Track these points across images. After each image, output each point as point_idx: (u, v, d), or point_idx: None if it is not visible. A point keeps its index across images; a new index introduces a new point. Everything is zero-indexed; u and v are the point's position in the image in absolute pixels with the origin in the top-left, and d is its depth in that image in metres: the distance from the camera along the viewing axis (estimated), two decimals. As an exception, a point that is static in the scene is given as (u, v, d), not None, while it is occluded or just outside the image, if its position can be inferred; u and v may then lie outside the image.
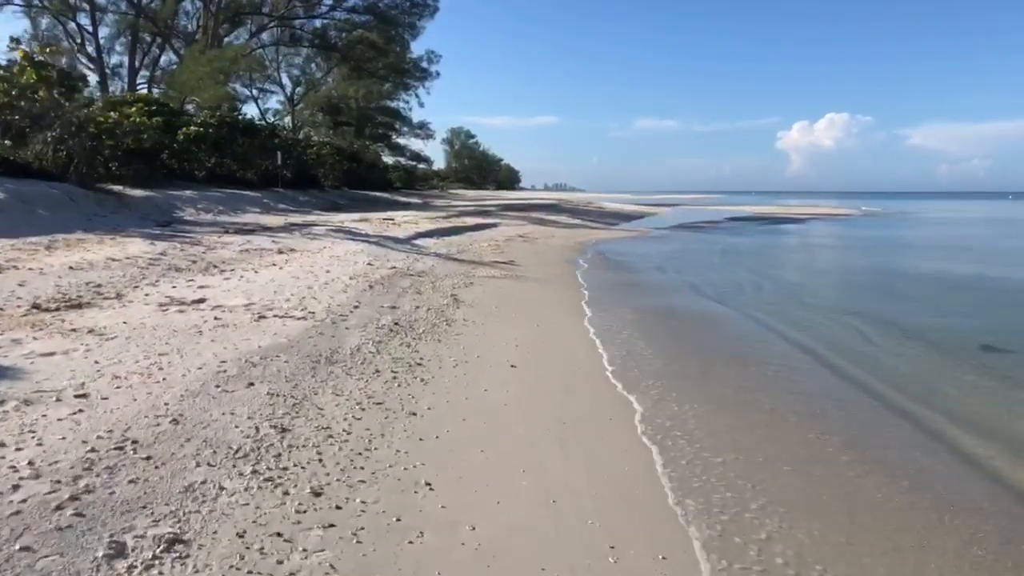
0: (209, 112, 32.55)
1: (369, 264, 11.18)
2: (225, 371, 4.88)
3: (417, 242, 16.34)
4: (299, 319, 6.70)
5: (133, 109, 28.60)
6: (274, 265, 10.08)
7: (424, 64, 45.66)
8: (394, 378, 5.27)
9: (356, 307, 7.68)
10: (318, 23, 44.25)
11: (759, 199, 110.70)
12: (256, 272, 9.32)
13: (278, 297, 7.66)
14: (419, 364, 5.75)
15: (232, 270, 9.30)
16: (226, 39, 41.69)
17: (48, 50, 15.91)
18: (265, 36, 47.73)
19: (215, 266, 9.50)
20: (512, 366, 6.02)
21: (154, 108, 29.62)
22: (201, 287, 7.87)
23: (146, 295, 7.17)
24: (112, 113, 17.74)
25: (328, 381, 4.99)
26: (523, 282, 11.66)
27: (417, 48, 51.39)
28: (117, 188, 17.73)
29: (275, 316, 6.70)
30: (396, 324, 7.14)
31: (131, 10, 41.50)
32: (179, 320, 6.26)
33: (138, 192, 18.05)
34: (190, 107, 38.22)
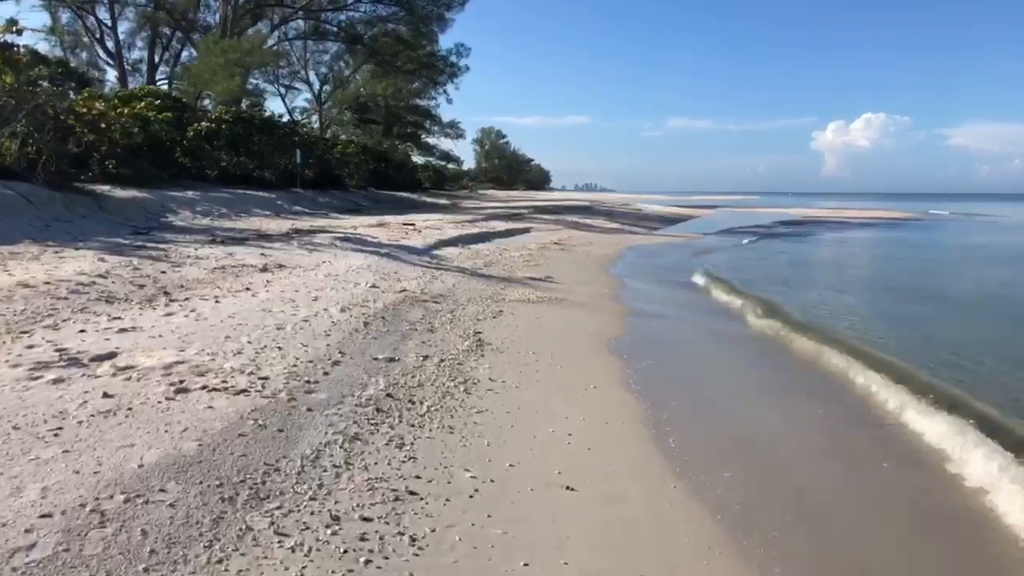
0: (224, 107, 30.69)
1: (373, 287, 8.88)
2: (33, 544, 2.57)
3: (438, 252, 14.05)
4: (239, 393, 4.39)
5: (142, 104, 26.97)
6: (246, 290, 7.82)
7: (453, 58, 43.42)
8: (362, 539, 2.92)
9: (336, 363, 5.36)
10: (343, 16, 42.29)
11: (798, 200, 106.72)
12: (218, 302, 7.06)
13: (226, 348, 5.37)
14: (411, 492, 3.40)
15: (186, 299, 7.05)
16: (249, 32, 39.93)
17: (15, 29, 13.92)
18: (291, 31, 46.02)
19: (166, 292, 7.27)
20: (567, 488, 3.65)
21: (164, 102, 27.93)
22: (123, 330, 5.61)
23: (27, 347, 4.93)
24: (97, 104, 15.70)
25: (230, 562, 2.66)
26: (565, 308, 9.28)
27: (446, 42, 49.19)
28: (104, 188, 15.73)
29: (203, 388, 4.40)
30: (389, 395, 4.80)
31: (150, 3, 39.93)
32: (42, 400, 3.99)
33: (127, 193, 16.02)
34: (207, 103, 36.52)
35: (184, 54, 44.26)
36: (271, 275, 9.03)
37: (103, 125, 15.48)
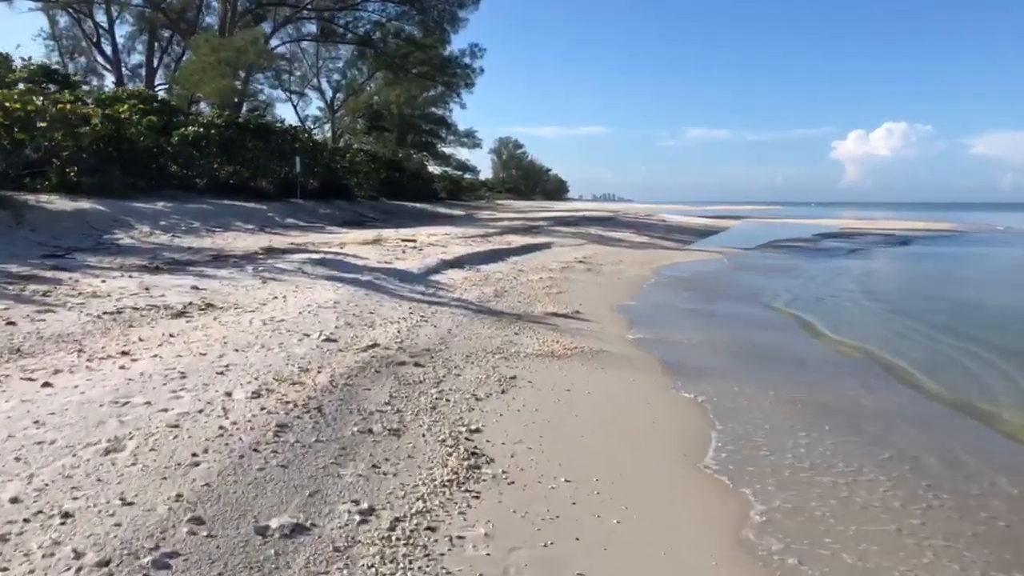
0: (217, 111, 28.26)
1: (327, 340, 6.13)
2: None
3: (438, 277, 11.30)
4: None
5: (124, 106, 24.66)
6: (122, 355, 5.11)
7: (467, 59, 40.78)
8: None
9: (165, 562, 2.60)
10: (351, 17, 39.87)
11: (823, 211, 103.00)
12: (47, 384, 4.34)
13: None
14: None
15: (-3, 380, 4.33)
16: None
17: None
18: (303, 34, 43.86)
19: (-27, 367, 4.55)
20: None
21: (150, 105, 25.57)
22: None
23: None
24: (37, 100, 13.18)
25: None
26: (606, 367, 6.50)
27: (460, 45, 46.61)
28: (46, 199, 13.22)
29: None
30: None
31: (147, 3, 37.76)
32: None
33: (73, 204, 13.48)
34: (205, 107, 34.18)
35: (185, 58, 42.18)
36: (186, 322, 6.32)
37: (41, 124, 12.93)
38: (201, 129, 25.05)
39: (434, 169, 65.98)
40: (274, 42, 39.16)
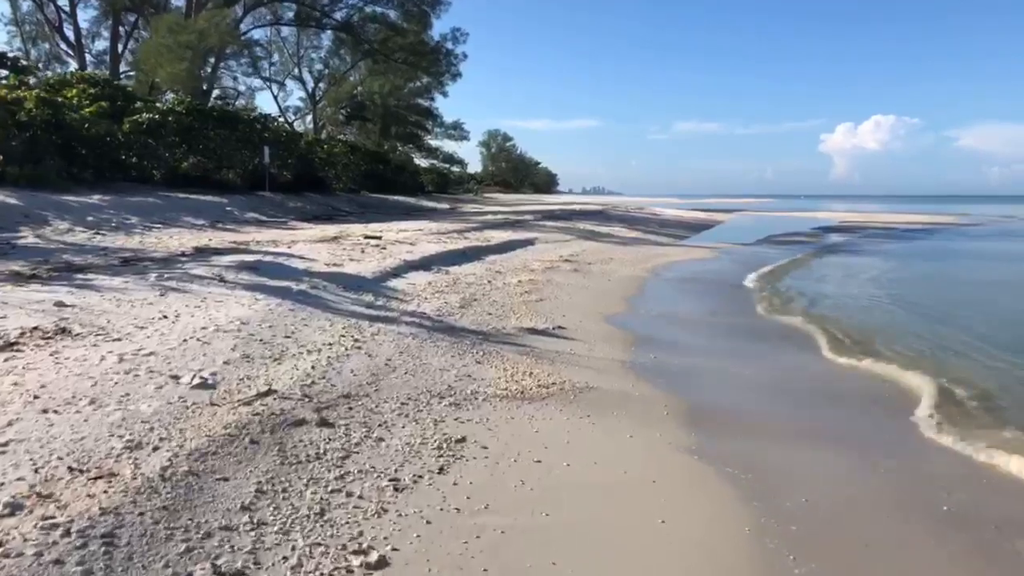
0: (178, 98, 26.28)
1: (201, 385, 4.33)
2: None
3: (395, 282, 9.50)
4: None
5: (73, 92, 22.80)
6: None
7: (449, 44, 38.90)
8: None
9: None
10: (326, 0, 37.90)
11: (813, 204, 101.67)
12: None
13: None
14: None
15: None
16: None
17: None
18: (273, 17, 41.75)
19: None
20: None
21: (102, 91, 23.62)
22: None
23: None
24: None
25: None
26: (590, 414, 4.78)
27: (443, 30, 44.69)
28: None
29: None
30: None
31: (110, -15, 35.63)
32: None
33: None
34: (170, 95, 32.13)
35: (153, 44, 40.00)
36: (4, 361, 4.51)
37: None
38: (157, 116, 23.10)
39: (421, 162, 64.07)
40: (246, 25, 37.16)
